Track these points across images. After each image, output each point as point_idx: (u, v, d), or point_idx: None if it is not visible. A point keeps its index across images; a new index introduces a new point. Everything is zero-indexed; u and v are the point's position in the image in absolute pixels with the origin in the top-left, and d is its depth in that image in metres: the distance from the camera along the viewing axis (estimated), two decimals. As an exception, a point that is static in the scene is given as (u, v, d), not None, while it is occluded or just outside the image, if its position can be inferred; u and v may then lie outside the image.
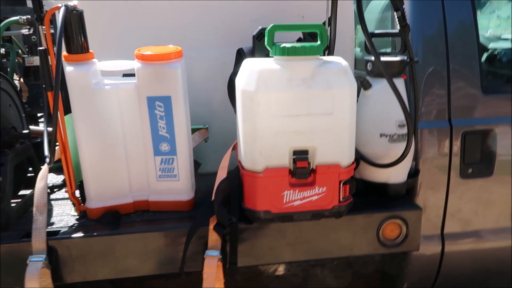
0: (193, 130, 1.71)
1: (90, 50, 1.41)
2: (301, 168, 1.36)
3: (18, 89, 2.42)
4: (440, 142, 1.80)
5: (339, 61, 1.37)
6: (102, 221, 1.48)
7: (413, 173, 1.71)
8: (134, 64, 1.41)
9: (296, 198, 1.39)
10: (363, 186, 1.64)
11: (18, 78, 3.30)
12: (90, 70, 1.38)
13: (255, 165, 1.36)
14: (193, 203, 1.57)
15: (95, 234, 1.41)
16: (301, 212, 1.41)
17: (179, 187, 1.53)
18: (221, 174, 1.49)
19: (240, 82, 1.34)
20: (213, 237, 1.42)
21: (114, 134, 1.44)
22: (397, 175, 1.61)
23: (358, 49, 2.40)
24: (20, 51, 3.58)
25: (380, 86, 1.56)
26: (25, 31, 2.89)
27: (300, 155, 1.36)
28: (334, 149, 1.37)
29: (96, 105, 1.39)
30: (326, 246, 1.54)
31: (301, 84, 1.30)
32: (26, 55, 2.97)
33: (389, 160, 1.55)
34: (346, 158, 1.39)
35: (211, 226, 1.42)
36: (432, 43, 1.79)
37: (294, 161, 1.35)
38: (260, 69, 1.31)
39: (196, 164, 1.69)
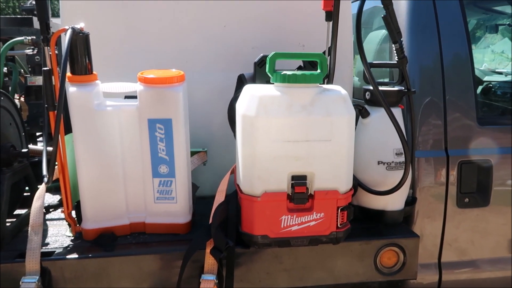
0: (192, 153, 1.72)
1: (94, 72, 1.43)
2: (299, 193, 1.37)
3: (19, 107, 2.44)
4: (437, 171, 1.82)
5: (339, 89, 1.39)
6: (97, 243, 1.47)
7: (410, 201, 1.71)
8: (136, 87, 1.43)
9: (293, 223, 1.39)
10: (361, 213, 1.65)
11: (18, 97, 3.32)
12: (93, 91, 1.39)
13: (253, 189, 1.36)
14: (190, 226, 1.57)
15: (89, 255, 1.40)
16: (299, 237, 1.40)
17: (176, 210, 1.53)
18: (219, 198, 1.49)
19: (240, 107, 1.36)
20: (210, 261, 1.41)
21: (113, 155, 1.45)
22: (395, 202, 1.62)
23: (356, 79, 2.45)
24: (22, 70, 3.62)
25: (378, 115, 1.59)
26: (29, 51, 2.93)
27: (299, 180, 1.36)
28: (332, 175, 1.38)
29: (97, 126, 1.40)
30: (323, 272, 1.53)
31: (301, 110, 1.33)
32: (29, 75, 2.99)
33: (386, 188, 1.56)
34: (344, 184, 1.40)
35: (207, 250, 1.41)
36: (429, 74, 1.83)
37: (293, 186, 1.36)
38: (261, 95, 1.33)
39: (194, 187, 1.69)
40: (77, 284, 1.38)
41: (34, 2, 2.61)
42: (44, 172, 1.42)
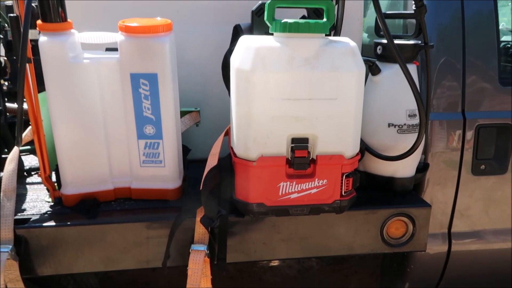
0: (183, 113, 1.57)
1: (69, 20, 1.26)
2: (300, 157, 1.22)
3: (2, 65, 2.27)
4: (452, 135, 1.67)
5: (347, 41, 1.22)
6: (78, 209, 1.35)
7: (422, 167, 1.57)
8: (117, 37, 1.26)
9: (293, 191, 1.25)
10: (367, 180, 1.51)
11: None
12: (67, 41, 1.23)
13: (249, 153, 1.22)
14: (180, 192, 1.44)
15: (68, 223, 1.28)
16: (298, 206, 1.27)
17: (164, 174, 1.39)
18: (211, 162, 1.35)
19: (235, 61, 1.20)
20: (200, 230, 1.29)
21: (93, 113, 1.30)
22: (405, 169, 1.47)
23: (365, 35, 2.25)
24: (6, 25, 3.40)
25: (390, 72, 1.42)
26: (9, 2, 2.70)
27: (299, 143, 1.22)
28: (337, 138, 1.23)
29: (73, 81, 1.25)
30: (324, 243, 1.41)
31: (303, 64, 1.16)
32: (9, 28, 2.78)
33: (396, 153, 1.41)
34: (350, 148, 1.25)
35: (198, 218, 1.29)
36: (448, 31, 1.64)
37: (292, 149, 1.22)
38: (257, 46, 1.16)
39: (185, 150, 1.55)
40: (56, 253, 1.27)
41: None
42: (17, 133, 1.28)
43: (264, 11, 1.24)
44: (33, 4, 1.22)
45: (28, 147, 1.79)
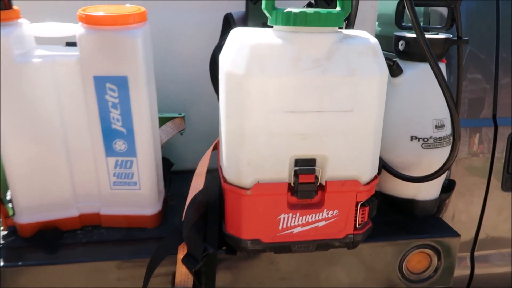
0: (165, 120, 1.32)
1: (14, 7, 1.00)
2: (306, 184, 0.98)
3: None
4: (480, 145, 1.42)
5: (366, 37, 0.97)
6: (35, 242, 1.11)
7: (447, 185, 1.33)
8: (76, 29, 1.00)
9: (296, 224, 1.01)
10: (383, 201, 1.27)
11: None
12: (12, 35, 0.97)
13: (241, 179, 0.97)
14: (160, 217, 1.20)
15: (19, 263, 1.03)
16: (303, 242, 1.03)
17: (140, 198, 1.15)
18: (196, 185, 1.11)
19: (225, 61, 0.94)
20: (183, 271, 1.05)
21: (49, 125, 1.04)
22: (428, 190, 1.24)
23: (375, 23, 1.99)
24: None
25: (414, 72, 1.17)
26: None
27: (305, 166, 0.97)
28: (352, 160, 0.99)
29: (21, 85, 0.99)
30: (332, 280, 1.18)
31: (312, 67, 0.91)
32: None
33: (420, 171, 1.17)
34: (367, 171, 1.01)
35: (180, 255, 1.05)
36: (479, 22, 1.39)
37: (296, 174, 0.97)
38: (253, 43, 0.90)
39: (168, 164, 1.31)
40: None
41: None
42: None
43: (261, -3, 0.98)
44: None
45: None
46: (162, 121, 1.32)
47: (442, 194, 1.28)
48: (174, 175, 1.38)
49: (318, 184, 0.99)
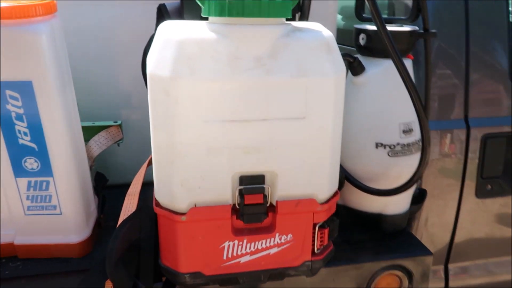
0: (99, 129, 1.14)
1: None
2: (253, 205, 0.82)
3: None
4: (452, 147, 1.30)
5: (318, 29, 0.82)
6: None
7: (417, 195, 1.20)
8: (-32, 24, 0.81)
9: (243, 253, 0.86)
10: (346, 216, 1.13)
11: None
12: None
13: (175, 202, 0.81)
14: (89, 245, 1.02)
15: None
16: (252, 272, 0.88)
17: (62, 224, 0.97)
18: (128, 206, 0.94)
19: (150, 61, 0.78)
20: (109, 314, 0.88)
21: None
22: (397, 203, 1.10)
23: (339, 17, 1.85)
24: None
25: (378, 71, 1.03)
26: None
27: (251, 185, 0.82)
28: (306, 175, 0.84)
29: None
30: (291, 309, 1.03)
31: (253, 67, 0.75)
32: None
33: (387, 182, 1.04)
34: (325, 188, 0.86)
35: (108, 292, 0.88)
36: (446, 10, 1.26)
37: (241, 193, 0.81)
38: (180, 38, 0.74)
39: (101, 180, 1.13)
40: None
41: None
42: None
43: (196, -17, 0.81)
44: None
45: None
46: (95, 130, 1.14)
47: (412, 205, 1.15)
48: (112, 190, 1.20)
49: (268, 205, 0.84)
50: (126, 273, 0.86)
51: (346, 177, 1.06)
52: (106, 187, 1.19)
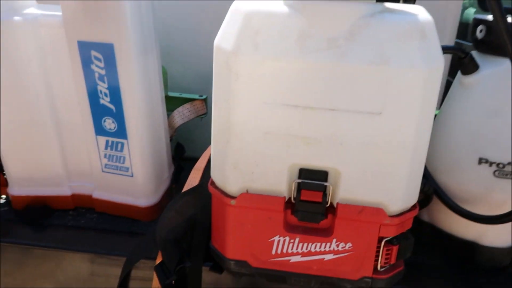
0: (184, 101, 1.16)
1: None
2: (310, 202, 0.74)
3: None
4: None
5: (414, 12, 0.68)
6: (23, 216, 1.03)
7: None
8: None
9: (294, 252, 0.78)
10: (432, 236, 0.97)
11: None
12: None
13: (226, 184, 0.77)
14: (157, 211, 1.04)
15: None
16: (302, 275, 0.80)
17: (133, 186, 1.01)
18: (191, 180, 0.93)
19: (219, 32, 0.73)
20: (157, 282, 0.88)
21: (34, 92, 0.94)
22: (499, 233, 0.90)
23: (472, 10, 1.60)
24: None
25: (495, 71, 0.84)
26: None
27: (311, 180, 0.73)
28: (376, 180, 0.72)
29: (3, 45, 0.88)
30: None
31: (326, 47, 0.66)
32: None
33: (488, 207, 0.85)
34: (398, 199, 0.73)
35: (158, 260, 0.88)
36: None
37: (299, 187, 0.74)
38: (248, 10, 0.68)
39: (179, 151, 1.15)
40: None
41: None
42: None
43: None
44: None
45: None
46: (180, 102, 1.16)
47: (520, 239, 0.94)
48: (193, 162, 1.21)
49: (327, 204, 0.75)
50: (175, 246, 0.85)
51: (436, 192, 0.90)
52: (188, 159, 1.20)
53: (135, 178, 0.99)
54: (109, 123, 0.93)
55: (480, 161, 0.85)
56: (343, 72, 0.66)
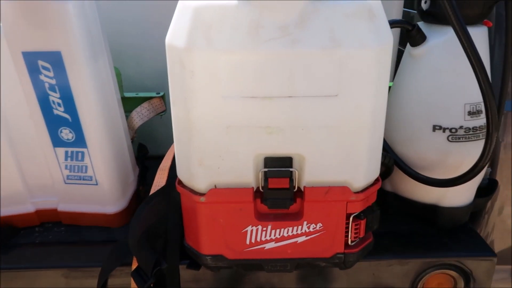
0: (141, 100, 1.14)
1: None
2: (278, 189, 0.75)
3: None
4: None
5: (361, -7, 0.70)
6: (-13, 239, 0.99)
7: (486, 186, 1.04)
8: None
9: (268, 239, 0.80)
10: (397, 204, 1.02)
11: None
12: None
13: (194, 182, 0.77)
14: (128, 215, 1.03)
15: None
16: (278, 260, 0.82)
17: (99, 194, 0.98)
18: (158, 181, 0.92)
19: (169, 29, 0.72)
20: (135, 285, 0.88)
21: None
22: (457, 194, 0.96)
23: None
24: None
25: (442, 41, 0.88)
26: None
27: (276, 168, 0.74)
28: (339, 160, 0.74)
29: None
30: (327, 301, 0.96)
31: (278, 36, 0.66)
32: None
33: (445, 171, 0.90)
34: (361, 175, 0.76)
35: (134, 265, 0.88)
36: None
37: (266, 177, 0.75)
38: (198, 5, 0.67)
39: (142, 152, 1.13)
40: None
41: None
42: None
43: None
44: None
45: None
46: (138, 101, 1.14)
47: (477, 198, 1.00)
48: (158, 160, 1.20)
49: (295, 190, 0.76)
50: (149, 249, 0.84)
51: (396, 163, 0.94)
52: (152, 158, 1.19)
53: (100, 186, 0.97)
54: (66, 133, 0.91)
55: (434, 128, 0.89)
56: (297, 59, 0.67)
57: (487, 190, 1.03)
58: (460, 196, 0.96)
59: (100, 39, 0.90)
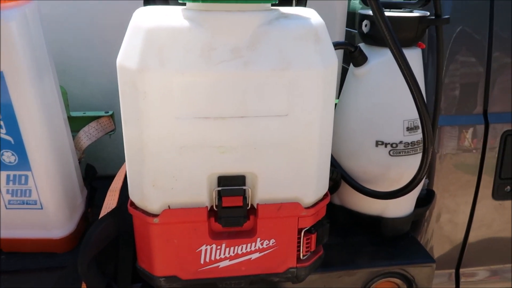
0: (89, 120, 1.11)
1: None
2: (231, 208, 0.76)
3: None
4: (469, 143, 1.20)
5: (307, 16, 0.74)
6: None
7: (425, 197, 1.11)
8: None
9: (222, 257, 0.80)
10: (344, 216, 1.06)
11: None
12: None
13: (147, 203, 0.76)
14: (75, 240, 0.99)
15: None
16: (232, 278, 0.83)
17: (44, 219, 0.94)
18: (109, 203, 0.90)
19: (120, 50, 0.72)
20: (86, 313, 0.85)
21: None
22: (399, 205, 1.02)
23: (357, 1, 1.74)
24: None
25: (381, 62, 0.94)
26: None
27: (230, 186, 0.76)
28: (290, 177, 0.77)
29: None
30: (281, 315, 0.97)
31: (230, 58, 0.68)
32: None
33: (387, 184, 0.96)
34: (311, 191, 0.79)
35: (84, 292, 0.84)
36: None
37: (219, 195, 0.76)
38: (150, 26, 0.68)
39: (90, 173, 1.10)
40: None
41: None
42: None
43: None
44: None
45: None
46: (86, 121, 1.11)
47: (417, 208, 1.06)
48: (108, 181, 1.16)
49: (248, 207, 0.78)
50: (99, 273, 0.82)
51: (343, 177, 0.98)
52: (101, 178, 1.15)
53: (45, 210, 0.93)
54: (8, 156, 0.86)
55: (377, 143, 0.94)
56: (248, 80, 0.69)
57: (426, 200, 1.10)
58: (402, 207, 1.02)
59: (45, 58, 0.87)
